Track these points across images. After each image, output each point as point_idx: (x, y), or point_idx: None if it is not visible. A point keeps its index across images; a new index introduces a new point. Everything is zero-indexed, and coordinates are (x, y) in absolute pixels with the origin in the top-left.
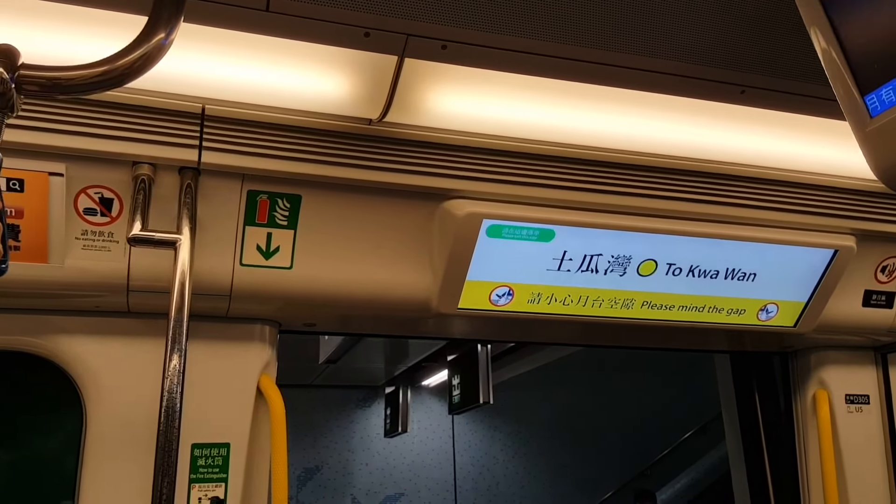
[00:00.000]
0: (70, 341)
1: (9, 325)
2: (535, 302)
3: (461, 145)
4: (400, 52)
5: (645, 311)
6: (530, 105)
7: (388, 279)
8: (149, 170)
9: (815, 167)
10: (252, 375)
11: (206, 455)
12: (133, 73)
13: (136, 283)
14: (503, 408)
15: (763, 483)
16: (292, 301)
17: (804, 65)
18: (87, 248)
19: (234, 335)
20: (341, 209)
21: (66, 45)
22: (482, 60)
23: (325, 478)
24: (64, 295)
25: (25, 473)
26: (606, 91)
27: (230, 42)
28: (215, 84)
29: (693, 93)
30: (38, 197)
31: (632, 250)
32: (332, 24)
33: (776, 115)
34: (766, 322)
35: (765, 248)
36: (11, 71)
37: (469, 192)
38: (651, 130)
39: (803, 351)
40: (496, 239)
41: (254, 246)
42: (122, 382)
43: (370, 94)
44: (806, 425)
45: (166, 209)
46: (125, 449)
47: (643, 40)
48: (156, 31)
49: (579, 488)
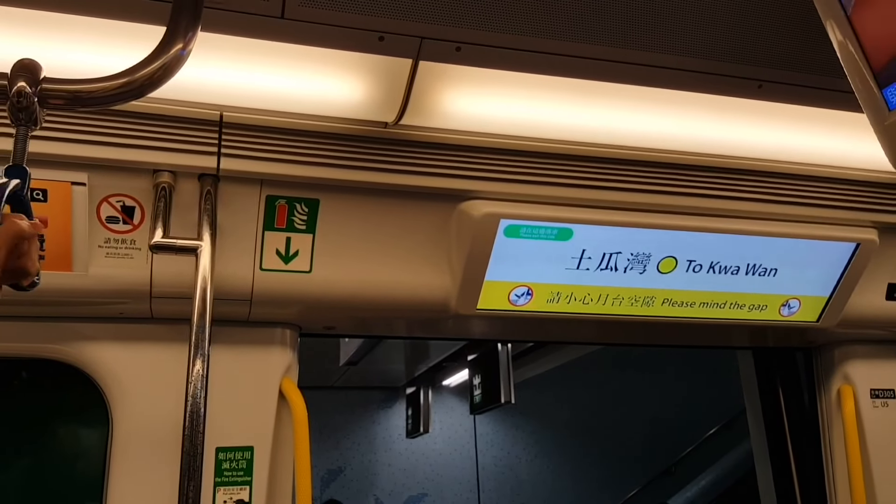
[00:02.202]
0: (95, 348)
1: (35, 333)
2: (555, 301)
3: (477, 146)
4: (414, 55)
5: (666, 308)
6: (546, 104)
7: (406, 281)
8: (169, 177)
9: (835, 160)
10: (274, 379)
11: (230, 458)
12: (153, 83)
13: (158, 289)
14: (524, 407)
15: (789, 480)
16: (312, 304)
17: (821, 58)
18: (110, 255)
19: (256, 339)
20: (359, 212)
21: (86, 57)
22: (497, 61)
23: (349, 479)
24: (88, 302)
25: (53, 478)
26: (622, 88)
27: (246, 49)
28: (232, 91)
29: (710, 89)
30: (62, 206)
31: (651, 247)
32: (347, 28)
33: (795, 109)
34: (788, 317)
35: (786, 242)
36: (34, 85)
37: (486, 193)
38: (668, 127)
39: (827, 346)
40: (514, 239)
41: (273, 250)
42: (146, 387)
43: (386, 98)
44: (831, 421)
45: (187, 216)
46: (151, 453)
47: (659, 37)
48: (174, 42)
49: (603, 486)
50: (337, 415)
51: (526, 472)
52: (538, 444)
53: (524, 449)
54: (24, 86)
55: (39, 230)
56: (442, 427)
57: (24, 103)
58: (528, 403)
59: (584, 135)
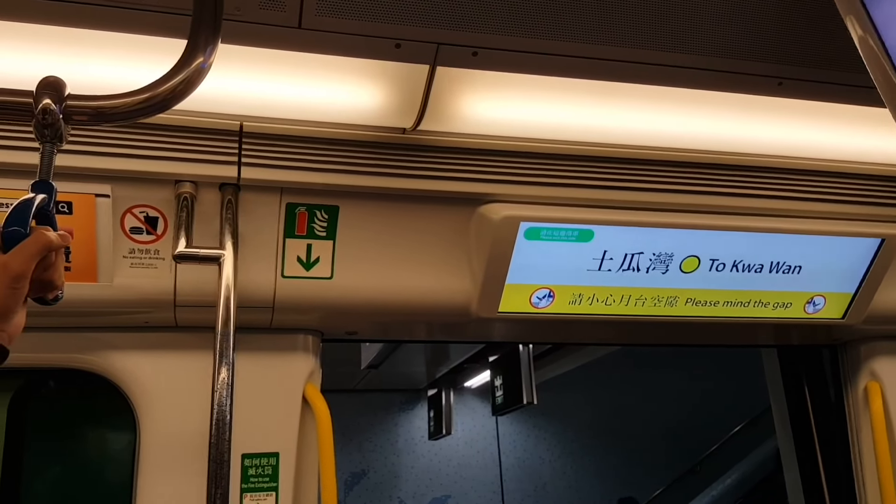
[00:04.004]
0: (121, 357)
1: (63, 343)
2: (577, 303)
3: (496, 149)
4: (431, 61)
5: (689, 308)
6: (564, 106)
7: (427, 285)
8: (191, 188)
9: (858, 156)
10: (297, 385)
11: (255, 465)
12: (175, 98)
13: (182, 298)
14: (546, 407)
15: (817, 478)
16: (334, 310)
17: (841, 54)
18: (134, 265)
19: (279, 346)
20: (379, 218)
21: (107, 71)
22: (514, 65)
23: (372, 482)
24: (114, 312)
25: (83, 485)
26: (640, 88)
27: (264, 60)
28: (252, 101)
29: (729, 87)
30: (86, 218)
31: (673, 247)
32: (363, 37)
33: (815, 105)
34: (813, 315)
35: (809, 239)
36: (59, 102)
37: (505, 196)
38: (687, 126)
39: (853, 343)
40: (534, 241)
41: (294, 257)
42: (172, 395)
43: (403, 104)
44: (858, 418)
45: (209, 225)
46: (178, 460)
47: (677, 37)
48: (195, 56)
49: (628, 486)
50: (359, 418)
51: (549, 473)
52: (561, 444)
53: (547, 449)
54: (50, 103)
55: (67, 242)
56: (464, 429)
57: (50, 120)
58: (550, 404)
59: (603, 136)
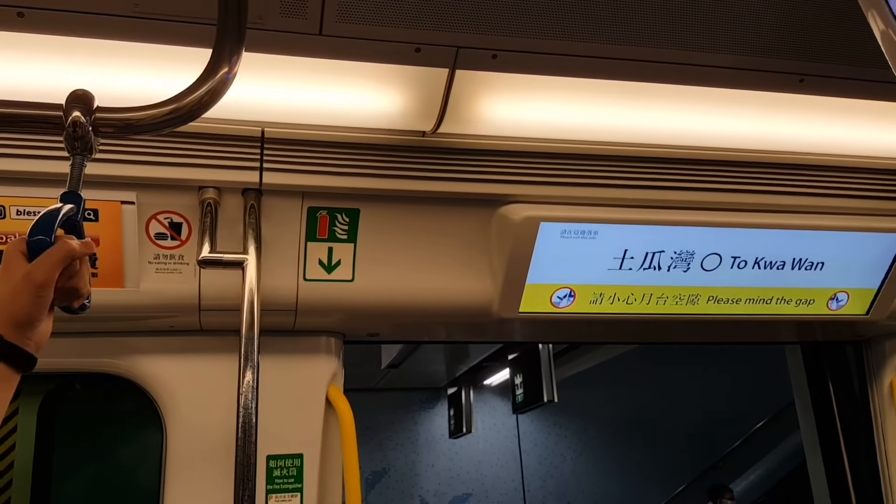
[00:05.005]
0: (148, 361)
1: (91, 348)
2: (598, 302)
3: (516, 150)
4: (451, 65)
5: (711, 305)
6: (583, 106)
7: (448, 286)
8: (214, 193)
9: (880, 151)
10: (321, 386)
11: (280, 466)
12: (201, 108)
13: (207, 302)
14: (567, 405)
15: (842, 475)
16: (355, 312)
17: (862, 49)
18: (159, 271)
19: (302, 348)
20: (399, 220)
21: (133, 81)
22: (533, 67)
23: (393, 480)
24: (140, 317)
25: (112, 487)
26: (660, 87)
27: (286, 67)
28: (273, 108)
29: (751, 85)
30: (112, 225)
31: (694, 245)
32: (383, 42)
33: (837, 101)
34: (836, 311)
35: (831, 235)
36: (88, 115)
37: (525, 196)
38: (708, 124)
39: (878, 339)
40: (555, 241)
41: (316, 261)
42: (198, 398)
43: (423, 107)
44: (884, 414)
45: (232, 229)
46: (204, 462)
47: (698, 35)
48: (220, 66)
49: (650, 483)
50: (379, 416)
51: (571, 471)
52: (582, 441)
53: (568, 447)
54: (79, 116)
55: (91, 250)
56: (484, 427)
57: (80, 133)
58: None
59: (623, 135)
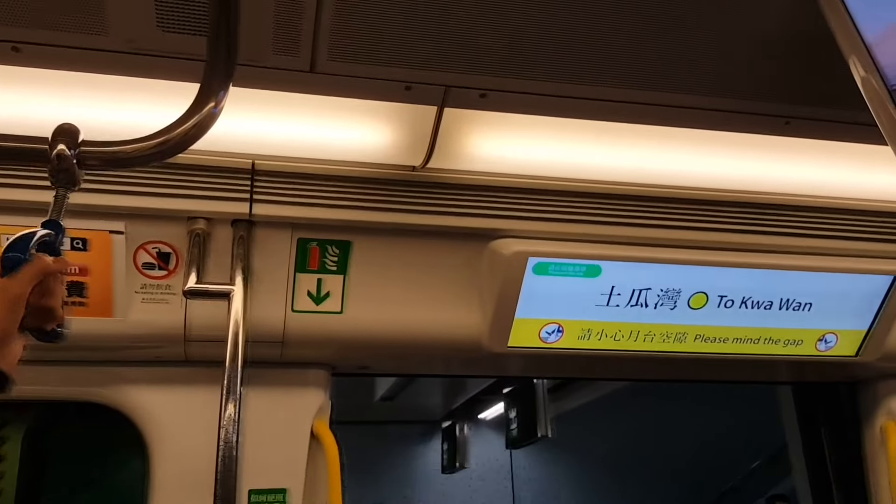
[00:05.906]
0: (134, 391)
1: (78, 377)
2: (586, 338)
3: (504, 186)
4: (440, 103)
5: (699, 344)
6: (570, 145)
7: (438, 320)
8: (203, 224)
9: (867, 193)
10: (306, 420)
11: (263, 501)
12: (187, 141)
13: (192, 332)
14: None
15: None
16: (344, 344)
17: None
18: (146, 301)
19: (288, 380)
20: (390, 253)
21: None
22: (521, 106)
23: None
24: (127, 347)
25: None
26: (647, 128)
27: (277, 101)
28: (264, 141)
29: (736, 127)
30: (102, 255)
31: (681, 283)
32: (374, 80)
33: (823, 143)
34: (825, 352)
35: (819, 276)
36: (73, 147)
37: (515, 231)
38: (695, 164)
39: (869, 380)
40: (543, 276)
41: (304, 292)
42: (183, 429)
43: (412, 143)
44: (875, 458)
45: (222, 259)
46: (188, 494)
47: (683, 78)
48: (206, 101)
49: None
50: (374, 450)
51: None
52: (578, 479)
53: (564, 484)
54: (64, 149)
55: (65, 266)
56: (478, 461)
57: (64, 165)
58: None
59: (611, 174)
